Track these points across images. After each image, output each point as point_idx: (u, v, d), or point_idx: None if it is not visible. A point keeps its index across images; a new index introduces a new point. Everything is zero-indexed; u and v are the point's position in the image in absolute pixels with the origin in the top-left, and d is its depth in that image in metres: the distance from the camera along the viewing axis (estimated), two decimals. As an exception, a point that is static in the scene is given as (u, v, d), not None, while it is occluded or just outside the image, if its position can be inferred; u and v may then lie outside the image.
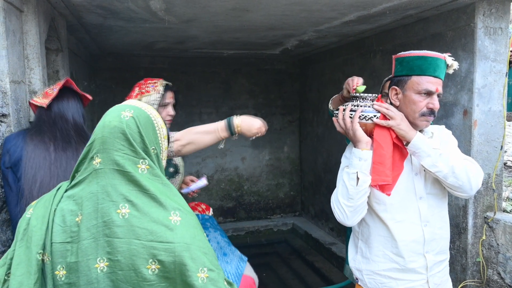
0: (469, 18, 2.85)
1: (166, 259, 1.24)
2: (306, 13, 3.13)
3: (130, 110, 1.37)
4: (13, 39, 2.13)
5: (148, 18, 3.17)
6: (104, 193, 1.28)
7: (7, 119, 2.02)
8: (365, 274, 1.99)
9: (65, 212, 1.30)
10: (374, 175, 1.78)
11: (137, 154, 1.33)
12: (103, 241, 1.25)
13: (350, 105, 1.90)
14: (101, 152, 1.31)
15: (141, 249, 1.24)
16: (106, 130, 1.33)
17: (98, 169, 1.30)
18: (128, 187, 1.30)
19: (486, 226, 2.90)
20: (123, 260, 1.24)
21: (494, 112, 2.89)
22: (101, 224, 1.26)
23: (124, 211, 1.27)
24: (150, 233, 1.26)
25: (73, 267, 1.25)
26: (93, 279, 1.24)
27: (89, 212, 1.27)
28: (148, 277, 1.24)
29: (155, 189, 1.32)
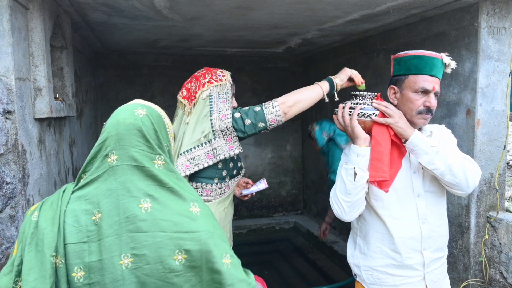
0: (472, 17, 2.85)
1: (192, 248, 1.27)
2: (310, 12, 3.14)
3: (143, 108, 1.40)
4: (19, 36, 2.14)
5: (152, 16, 3.18)
6: (124, 189, 1.29)
7: (12, 116, 2.04)
8: (363, 270, 2.02)
9: (78, 212, 1.28)
10: (372, 171, 1.82)
11: (153, 150, 1.35)
12: (126, 237, 1.25)
13: (349, 103, 1.97)
14: (117, 149, 1.32)
15: (167, 241, 1.26)
16: (121, 127, 1.34)
17: (115, 166, 1.31)
18: (147, 182, 1.31)
19: (489, 225, 2.90)
20: (149, 254, 1.25)
21: (497, 111, 2.89)
22: (124, 220, 1.26)
23: (146, 206, 1.28)
24: (175, 224, 1.28)
25: (94, 266, 1.24)
26: (119, 276, 1.24)
27: (110, 209, 1.27)
28: (176, 268, 1.26)
29: (173, 183, 1.34)
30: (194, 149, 2.08)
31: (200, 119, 2.12)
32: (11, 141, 2.03)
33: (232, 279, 1.29)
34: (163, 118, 1.45)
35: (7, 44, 2.01)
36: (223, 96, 2.16)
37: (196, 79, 2.20)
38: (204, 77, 2.19)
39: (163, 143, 1.40)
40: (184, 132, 2.12)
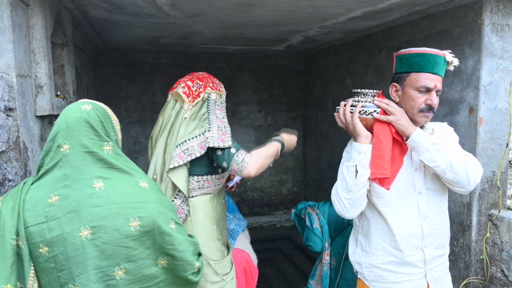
0: (476, 14, 2.84)
1: (144, 215, 1.48)
2: (312, 9, 3.13)
3: (89, 104, 1.59)
4: (19, 33, 2.13)
5: (153, 13, 3.17)
6: (78, 173, 1.47)
7: (13, 113, 2.03)
8: (364, 267, 2.03)
9: (35, 198, 1.46)
10: (373, 169, 1.83)
11: (101, 138, 1.54)
12: (84, 212, 1.44)
13: (351, 101, 1.96)
14: (68, 139, 1.50)
15: (122, 211, 1.46)
16: (70, 120, 1.52)
17: (68, 154, 1.49)
18: (98, 165, 1.50)
19: (490, 223, 2.90)
20: (106, 224, 1.44)
21: (500, 109, 2.88)
22: (81, 198, 1.44)
23: (99, 185, 1.48)
24: (127, 196, 1.48)
25: (56, 240, 1.42)
26: (79, 246, 1.42)
27: (67, 191, 1.45)
28: (132, 233, 1.46)
29: (122, 164, 1.55)
30: (188, 140, 2.15)
31: (198, 117, 2.20)
32: (13, 138, 2.03)
33: (180, 238, 1.53)
34: (108, 112, 1.64)
35: (8, 41, 2.00)
36: (218, 104, 2.27)
37: (199, 79, 2.28)
38: (207, 80, 2.29)
39: (109, 132, 1.59)
40: (180, 125, 2.19)
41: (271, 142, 2.40)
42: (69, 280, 1.43)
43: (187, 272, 1.56)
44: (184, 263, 1.55)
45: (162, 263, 1.54)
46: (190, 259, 1.56)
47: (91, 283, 1.42)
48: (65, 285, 1.43)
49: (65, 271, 1.42)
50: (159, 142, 2.23)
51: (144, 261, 1.50)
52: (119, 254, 1.45)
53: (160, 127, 2.28)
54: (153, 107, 5.77)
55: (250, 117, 6.15)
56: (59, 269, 1.42)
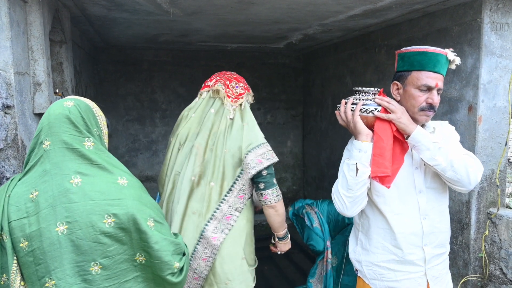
0: (475, 13, 2.83)
1: (119, 212, 1.50)
2: (312, 7, 3.12)
3: (71, 101, 1.61)
4: (17, 30, 2.13)
5: (152, 10, 3.16)
6: (57, 169, 1.50)
7: (11, 111, 2.02)
8: (364, 265, 2.03)
9: (18, 194, 1.50)
10: (373, 167, 1.83)
11: (82, 134, 1.56)
12: (60, 207, 1.47)
13: (352, 99, 1.95)
14: (49, 136, 1.53)
15: (96, 208, 1.48)
16: (52, 117, 1.55)
17: (48, 150, 1.52)
18: (77, 161, 1.53)
19: (489, 221, 2.90)
20: (81, 220, 1.47)
21: (499, 108, 2.88)
22: (57, 194, 1.48)
23: (76, 181, 1.50)
24: (102, 193, 1.50)
25: (34, 235, 1.45)
26: (55, 241, 1.45)
27: (45, 187, 1.48)
28: (106, 230, 1.48)
29: (102, 160, 1.57)
30: (261, 145, 2.16)
31: (249, 121, 2.21)
32: (11, 136, 2.02)
33: (156, 237, 1.54)
34: (91, 108, 1.66)
35: (5, 38, 1.99)
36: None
37: (236, 79, 2.30)
38: (243, 81, 2.33)
39: (91, 128, 1.61)
40: (227, 127, 2.17)
41: None
42: (45, 274, 1.46)
43: (164, 272, 1.57)
44: (159, 262, 1.56)
45: (140, 259, 1.56)
46: (166, 259, 1.56)
47: (67, 277, 1.46)
48: (42, 279, 1.47)
49: (42, 265, 1.46)
50: (198, 141, 2.16)
51: (120, 256, 1.52)
52: (95, 250, 1.48)
53: (192, 124, 2.22)
54: (152, 105, 5.77)
55: (250, 115, 6.14)
56: (36, 263, 1.46)
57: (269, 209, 2.23)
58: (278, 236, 2.42)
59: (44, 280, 1.47)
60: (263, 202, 2.21)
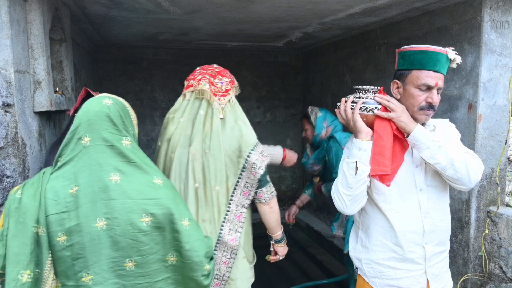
0: (475, 11, 2.84)
1: (157, 211, 1.54)
2: (312, 5, 3.12)
3: (109, 99, 1.65)
4: (18, 28, 2.12)
5: (152, 8, 3.16)
6: (96, 165, 1.53)
7: (11, 109, 2.02)
8: (364, 263, 2.03)
9: (57, 188, 1.51)
10: (373, 165, 1.82)
11: (120, 132, 1.60)
12: (100, 204, 1.50)
13: (352, 97, 1.95)
14: (89, 132, 1.56)
15: (135, 206, 1.52)
16: (91, 114, 1.58)
17: (88, 146, 1.55)
18: (116, 159, 1.56)
19: (489, 220, 2.90)
20: (120, 217, 1.50)
21: (499, 106, 2.88)
22: (97, 190, 1.51)
23: (115, 178, 1.53)
24: (140, 193, 1.54)
25: (74, 229, 1.48)
26: (95, 236, 1.49)
27: (85, 182, 1.51)
28: (143, 228, 1.52)
29: (138, 159, 1.61)
30: (257, 145, 2.16)
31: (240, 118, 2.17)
32: (11, 134, 2.02)
33: (188, 237, 1.58)
34: (127, 107, 1.71)
35: (6, 37, 1.99)
36: None
37: (220, 74, 2.18)
38: (228, 74, 2.21)
39: (128, 127, 1.65)
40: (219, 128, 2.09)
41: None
42: (83, 268, 1.49)
43: (195, 272, 1.60)
44: (190, 263, 1.59)
45: (171, 260, 1.59)
46: (197, 260, 1.59)
47: (103, 272, 1.49)
48: (79, 273, 1.49)
49: (80, 260, 1.49)
50: (194, 146, 2.06)
51: (153, 256, 1.56)
52: (131, 247, 1.52)
53: (183, 129, 2.11)
54: (151, 103, 5.77)
55: (249, 114, 6.14)
56: (74, 257, 1.49)
57: (263, 206, 2.24)
58: (275, 239, 2.41)
59: (80, 275, 1.49)
60: (258, 200, 2.22)
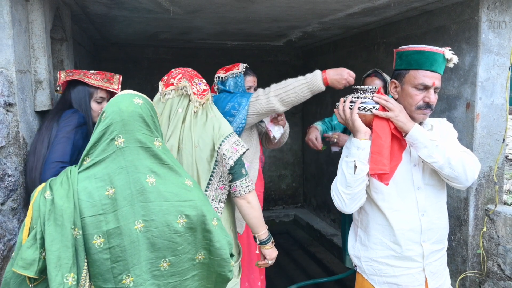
0: (473, 11, 2.85)
1: (191, 213, 1.57)
2: (311, 5, 3.13)
3: (140, 98, 1.63)
4: (19, 28, 2.14)
5: (153, 8, 3.17)
6: (132, 167, 1.53)
7: (13, 108, 2.04)
8: (363, 261, 2.05)
9: (90, 189, 1.49)
10: (372, 164, 1.84)
11: (152, 133, 1.61)
12: (138, 206, 1.51)
13: (350, 97, 1.98)
14: (123, 133, 1.54)
15: (171, 208, 1.54)
16: (125, 114, 1.56)
17: (122, 147, 1.54)
18: (150, 161, 1.57)
19: (487, 218, 2.92)
20: (157, 219, 1.52)
21: (496, 105, 2.90)
22: (135, 192, 1.51)
23: (151, 180, 1.54)
24: (175, 195, 1.56)
25: (113, 232, 1.47)
26: (135, 238, 1.50)
27: (122, 184, 1.51)
28: (179, 229, 1.55)
29: (170, 161, 1.62)
30: (231, 134, 2.14)
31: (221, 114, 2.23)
32: (12, 133, 2.04)
33: (218, 236, 1.62)
34: (154, 106, 1.70)
35: (7, 36, 2.01)
36: None
37: (196, 76, 2.22)
38: (202, 78, 2.25)
39: (158, 126, 1.67)
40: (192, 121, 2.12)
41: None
42: (123, 271, 1.49)
43: (223, 268, 1.65)
44: (219, 260, 1.64)
45: (199, 258, 1.63)
46: (226, 257, 1.64)
47: (143, 273, 1.51)
48: (119, 276, 1.49)
49: (121, 262, 1.48)
50: (170, 142, 2.09)
51: (185, 255, 1.59)
52: (167, 248, 1.54)
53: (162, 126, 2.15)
54: (152, 102, 5.77)
55: (249, 113, 6.15)
56: (114, 260, 1.48)
57: (240, 200, 2.14)
58: (260, 239, 2.22)
59: (121, 277, 1.49)
60: (233, 194, 2.15)
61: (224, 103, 2.48)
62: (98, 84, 2.24)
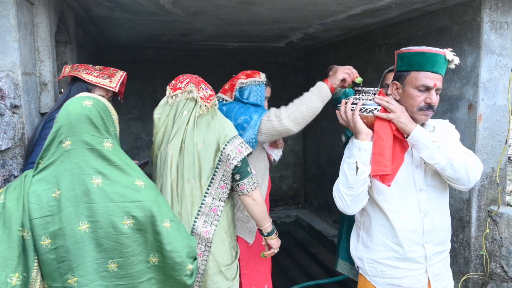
0: (475, 12, 2.86)
1: (138, 214, 1.56)
2: (312, 7, 3.14)
3: (90, 100, 1.64)
4: (25, 31, 2.15)
5: (155, 10, 3.19)
6: (78, 168, 1.55)
7: (19, 111, 2.05)
8: (365, 262, 2.05)
9: (39, 192, 1.53)
10: (373, 166, 1.85)
11: (101, 135, 1.61)
12: (82, 207, 1.52)
13: (352, 98, 1.98)
14: (70, 136, 1.57)
15: (116, 209, 1.54)
16: (72, 117, 1.58)
17: (69, 150, 1.56)
18: (98, 162, 1.57)
19: (490, 219, 2.92)
20: (102, 220, 1.52)
21: (499, 106, 2.90)
22: (79, 194, 1.53)
23: (97, 181, 1.55)
24: (122, 195, 1.56)
25: (57, 233, 1.50)
26: (79, 239, 1.51)
27: (67, 185, 1.53)
28: (125, 231, 1.54)
29: (120, 161, 1.62)
30: (235, 137, 2.20)
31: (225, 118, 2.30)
32: (18, 135, 2.05)
33: (170, 238, 1.59)
34: (108, 107, 1.70)
35: (13, 39, 2.02)
36: None
37: (204, 83, 2.29)
38: (209, 86, 2.31)
39: (109, 127, 1.65)
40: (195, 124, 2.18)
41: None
42: (68, 271, 1.51)
43: (177, 272, 1.62)
44: (172, 263, 1.60)
45: (153, 261, 1.61)
46: (179, 260, 1.61)
47: (88, 274, 1.52)
48: (64, 275, 1.51)
49: (65, 263, 1.51)
50: (172, 142, 2.16)
51: (136, 257, 1.58)
52: (114, 249, 1.54)
53: (166, 128, 2.22)
54: (154, 103, 5.73)
55: (251, 114, 6.15)
56: (59, 260, 1.50)
57: (246, 198, 2.23)
58: (266, 231, 2.39)
59: (66, 277, 1.51)
60: (240, 192, 2.22)
61: (237, 114, 2.47)
62: (96, 81, 2.22)
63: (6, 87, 1.96)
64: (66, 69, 2.25)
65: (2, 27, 2.00)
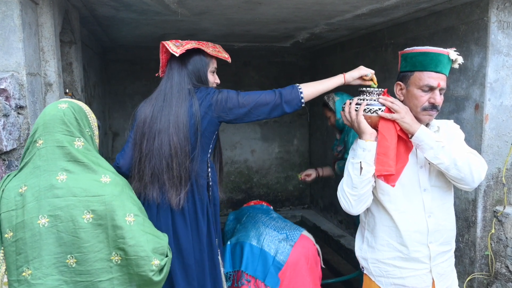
0: (482, 12, 2.84)
1: (98, 208, 1.58)
2: (319, 6, 3.14)
3: (65, 103, 1.72)
4: (29, 31, 2.16)
5: (160, 10, 3.19)
6: (45, 166, 1.60)
7: (24, 111, 2.06)
8: (370, 262, 2.05)
9: (10, 188, 1.61)
10: (378, 166, 1.85)
11: (73, 134, 1.66)
12: (44, 202, 1.56)
13: (356, 99, 1.99)
14: (43, 135, 1.63)
15: (78, 203, 1.57)
16: (47, 117, 1.65)
17: (41, 148, 1.62)
18: (65, 159, 1.62)
19: (495, 220, 2.91)
20: (62, 214, 1.56)
21: (505, 106, 2.88)
22: (43, 189, 1.57)
23: (62, 177, 1.59)
24: (84, 190, 1.59)
25: (19, 226, 1.55)
26: (36, 232, 1.54)
27: (33, 181, 1.58)
28: (83, 225, 1.57)
29: (88, 160, 1.66)
30: None
31: None
32: (23, 136, 2.06)
33: (133, 232, 1.61)
34: (84, 110, 1.76)
35: (18, 40, 2.03)
36: None
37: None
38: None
39: (84, 129, 1.71)
40: None
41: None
42: (24, 264, 1.54)
43: (141, 267, 1.61)
44: (136, 258, 1.60)
45: (116, 259, 1.61)
46: (142, 254, 1.60)
47: (43, 267, 1.54)
48: (20, 268, 1.54)
49: (22, 255, 1.54)
50: None
51: (96, 254, 1.58)
52: (72, 243, 1.56)
53: None
54: (159, 103, 5.79)
55: (256, 114, 6.15)
56: (17, 252, 1.55)
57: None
58: None
59: (21, 269, 1.54)
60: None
61: None
62: (214, 53, 2.25)
63: (11, 87, 1.97)
64: (171, 46, 2.12)
65: (6, 27, 2.01)
